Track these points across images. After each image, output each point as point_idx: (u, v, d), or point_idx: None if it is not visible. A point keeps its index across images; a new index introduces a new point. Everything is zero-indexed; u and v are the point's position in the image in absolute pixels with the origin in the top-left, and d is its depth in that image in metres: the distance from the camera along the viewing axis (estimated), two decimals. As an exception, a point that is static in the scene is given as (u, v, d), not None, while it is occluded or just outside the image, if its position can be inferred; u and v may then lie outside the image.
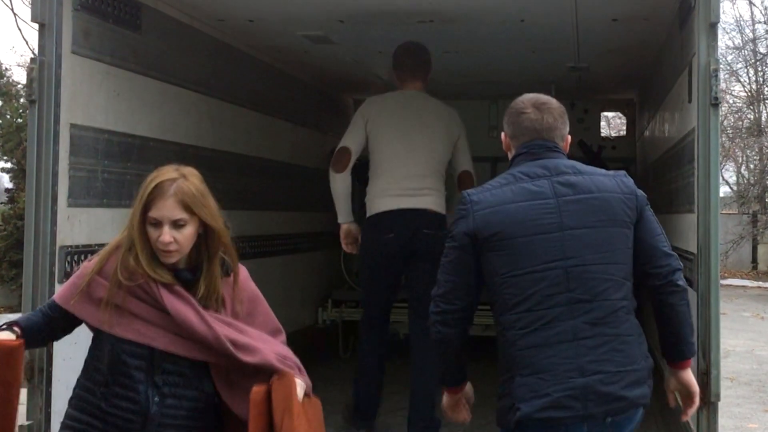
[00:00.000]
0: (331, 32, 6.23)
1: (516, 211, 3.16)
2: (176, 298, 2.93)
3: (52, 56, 4.24)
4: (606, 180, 3.27)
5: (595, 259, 3.16)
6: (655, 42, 6.21)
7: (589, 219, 3.18)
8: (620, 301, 3.24)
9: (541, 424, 3.10)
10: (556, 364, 3.10)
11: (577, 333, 3.12)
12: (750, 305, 14.93)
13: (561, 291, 3.12)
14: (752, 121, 22.00)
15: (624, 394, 3.14)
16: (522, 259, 3.15)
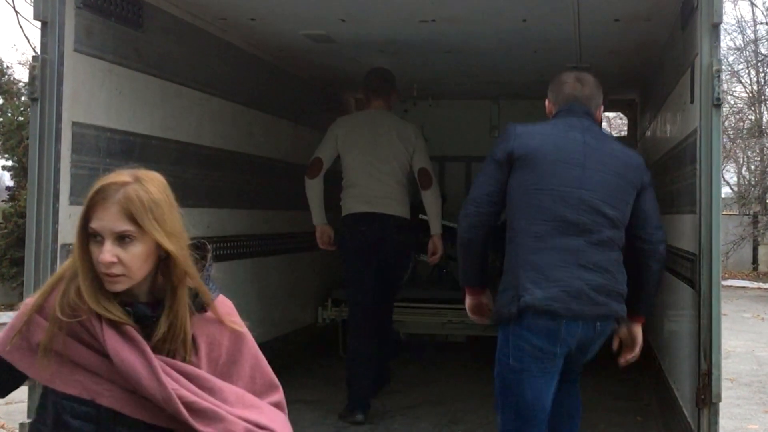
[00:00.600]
0: (333, 31, 6.23)
1: (549, 141, 3.84)
2: (124, 341, 2.23)
3: (54, 54, 4.24)
4: (625, 149, 4.04)
5: (603, 198, 3.77)
6: (657, 42, 6.21)
7: (607, 169, 3.83)
8: (614, 237, 3.81)
9: (541, 314, 3.63)
10: (559, 267, 3.67)
11: (579, 249, 3.71)
12: (750, 306, 14.93)
13: (573, 213, 3.73)
14: (753, 122, 21.98)
15: (608, 303, 3.76)
16: (547, 178, 3.76)
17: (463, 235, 3.86)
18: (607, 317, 3.79)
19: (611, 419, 6.11)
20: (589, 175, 3.79)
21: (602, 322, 3.79)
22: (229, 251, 6.32)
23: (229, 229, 6.31)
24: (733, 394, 7.49)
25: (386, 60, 7.38)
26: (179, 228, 2.30)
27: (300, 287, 7.94)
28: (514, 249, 3.78)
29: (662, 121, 6.57)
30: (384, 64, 7.58)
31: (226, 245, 6.24)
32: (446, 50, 6.78)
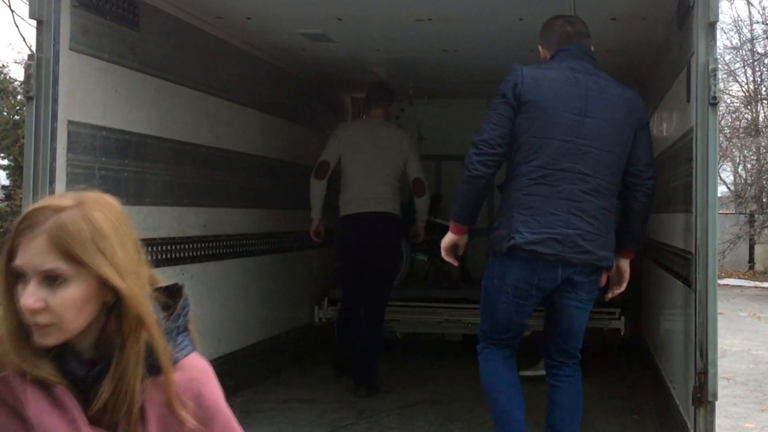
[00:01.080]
0: (330, 30, 6.22)
1: (552, 88, 4.08)
2: (52, 406, 1.74)
3: (49, 53, 4.23)
4: (625, 90, 4.28)
5: (601, 146, 4.05)
6: (653, 41, 6.21)
7: (607, 116, 4.09)
8: (610, 183, 4.11)
9: (527, 254, 3.98)
10: (550, 213, 3.97)
11: (572, 197, 3.99)
12: (747, 305, 14.94)
13: (569, 161, 4.01)
14: (750, 121, 22.01)
15: (594, 252, 4.04)
16: (549, 126, 4.02)
17: (472, 172, 4.12)
18: (589, 265, 4.08)
19: (608, 418, 6.11)
20: (588, 124, 4.08)
21: (584, 268, 4.08)
22: (226, 250, 6.31)
23: (226, 228, 6.30)
24: (729, 393, 7.49)
25: (382, 58, 7.39)
26: (135, 264, 1.78)
27: (296, 286, 7.93)
28: (511, 189, 4.11)
29: (659, 120, 6.57)
30: (380, 62, 7.59)
31: (221, 244, 6.23)
32: (442, 49, 6.78)
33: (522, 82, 4.13)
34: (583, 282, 4.14)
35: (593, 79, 4.19)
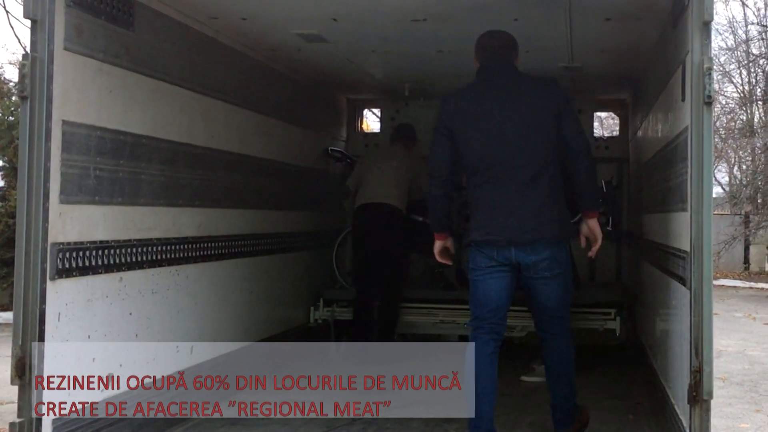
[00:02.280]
0: (325, 31, 6.22)
1: (471, 106, 4.91)
2: None
3: (44, 52, 4.23)
4: (539, 82, 4.96)
5: (525, 140, 4.79)
6: (648, 41, 6.21)
7: (524, 110, 4.82)
8: (546, 165, 4.82)
9: (484, 244, 4.90)
10: (490, 218, 4.87)
11: (507, 199, 4.81)
12: (742, 306, 14.96)
13: (501, 164, 4.81)
14: (745, 122, 22.05)
15: (538, 229, 4.81)
16: (474, 140, 4.86)
17: (431, 192, 5.06)
18: (537, 240, 4.82)
19: (603, 418, 6.10)
20: (510, 127, 4.81)
21: (534, 245, 4.84)
22: (221, 251, 6.30)
23: (221, 229, 6.29)
24: (724, 393, 7.50)
25: (378, 59, 7.38)
26: None
27: (292, 287, 7.93)
28: (470, 196, 5.02)
29: (654, 120, 6.58)
30: (376, 63, 7.58)
31: (217, 245, 6.23)
32: (438, 49, 6.78)
33: (445, 110, 4.99)
34: (539, 260, 4.87)
35: (509, 85, 4.96)
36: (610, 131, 23.00)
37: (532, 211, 4.82)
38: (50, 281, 4.27)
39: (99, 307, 4.73)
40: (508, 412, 6.21)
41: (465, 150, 4.89)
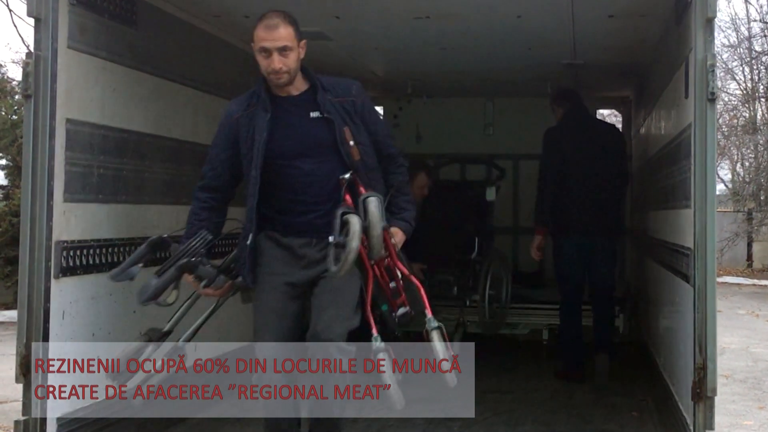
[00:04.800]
0: (327, 28, 6.22)
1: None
2: None
3: (48, 51, 4.23)
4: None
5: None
6: (651, 38, 6.21)
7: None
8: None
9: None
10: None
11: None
12: (745, 303, 14.94)
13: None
14: (747, 119, 22.03)
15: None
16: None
17: (544, 192, 7.05)
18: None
19: (607, 415, 6.11)
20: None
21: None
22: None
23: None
24: (728, 391, 7.48)
25: (381, 57, 7.38)
26: None
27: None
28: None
29: (657, 117, 6.58)
30: (378, 61, 7.58)
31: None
32: (441, 47, 6.78)
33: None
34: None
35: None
36: (613, 128, 22.93)
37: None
38: (54, 279, 4.28)
39: (103, 305, 4.73)
40: (512, 410, 6.22)
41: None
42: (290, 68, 3.96)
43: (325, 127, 3.99)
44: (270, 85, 4.04)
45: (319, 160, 4.01)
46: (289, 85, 4.03)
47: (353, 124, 4.02)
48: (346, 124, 3.99)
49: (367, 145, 4.06)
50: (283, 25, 3.94)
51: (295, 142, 4.01)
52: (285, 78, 3.97)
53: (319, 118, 4.00)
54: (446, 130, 9.61)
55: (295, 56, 3.98)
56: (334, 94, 4.04)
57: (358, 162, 3.98)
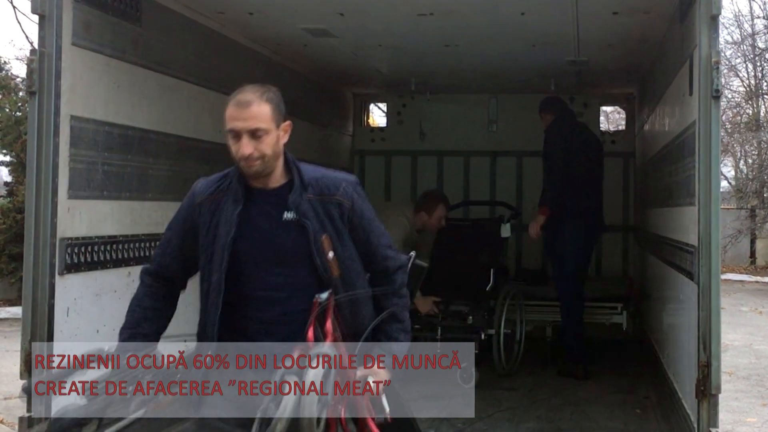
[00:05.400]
0: (331, 25, 6.22)
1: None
2: None
3: (52, 48, 4.23)
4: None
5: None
6: (655, 35, 6.20)
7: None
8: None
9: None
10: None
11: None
12: (748, 300, 14.92)
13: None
14: (751, 116, 21.99)
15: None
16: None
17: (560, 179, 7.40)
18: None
19: (610, 412, 6.12)
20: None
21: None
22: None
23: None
24: (731, 388, 7.48)
25: (384, 54, 7.38)
26: None
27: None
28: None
29: (661, 114, 6.57)
30: (382, 58, 7.57)
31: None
32: (444, 44, 6.78)
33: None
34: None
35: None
36: (617, 125, 22.99)
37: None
38: (59, 276, 4.28)
39: (107, 301, 4.74)
40: (516, 407, 6.22)
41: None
42: (264, 155, 3.14)
43: (298, 232, 3.16)
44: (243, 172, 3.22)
45: (289, 272, 3.18)
46: (265, 176, 3.21)
47: (336, 232, 3.19)
48: (325, 231, 3.16)
49: (353, 259, 3.24)
50: (257, 103, 3.23)
51: (262, 246, 3.19)
52: (257, 166, 3.14)
53: (292, 222, 3.17)
54: (450, 127, 9.60)
55: (271, 140, 3.16)
56: (316, 192, 3.21)
57: (337, 279, 3.16)
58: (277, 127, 3.23)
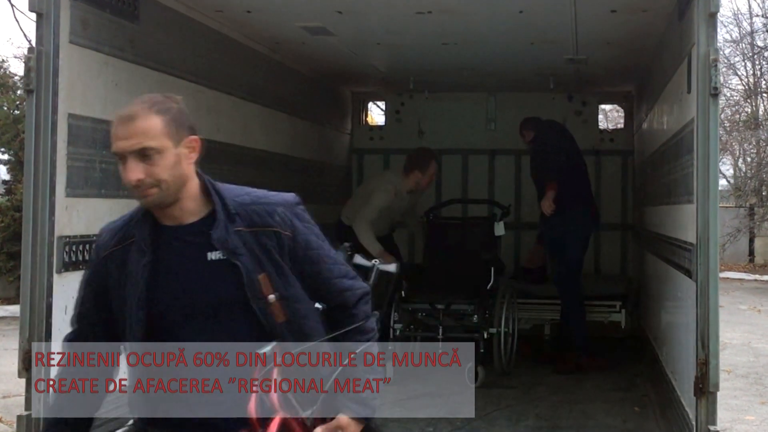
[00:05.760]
0: (330, 23, 6.21)
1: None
2: None
3: (50, 46, 4.23)
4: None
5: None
6: (653, 33, 6.20)
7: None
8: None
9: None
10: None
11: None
12: (747, 298, 14.94)
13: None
14: (749, 115, 22.00)
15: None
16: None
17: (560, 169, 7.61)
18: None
19: (609, 410, 6.12)
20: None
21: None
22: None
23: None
24: (729, 386, 7.49)
25: (383, 52, 7.37)
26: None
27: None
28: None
29: (659, 112, 6.57)
30: (380, 56, 7.57)
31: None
32: (442, 42, 6.77)
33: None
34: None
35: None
36: (615, 123, 22.98)
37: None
38: (57, 274, 4.28)
39: (105, 300, 4.73)
40: (514, 405, 6.22)
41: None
42: (160, 180, 2.47)
43: (228, 275, 2.50)
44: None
45: (224, 327, 2.53)
46: (172, 207, 2.53)
47: (275, 269, 2.54)
48: (263, 270, 2.51)
49: (300, 299, 2.59)
50: (143, 117, 2.47)
51: (185, 301, 2.52)
52: (154, 196, 2.48)
53: (220, 263, 2.50)
54: (448, 126, 9.60)
55: (168, 162, 2.48)
56: (246, 222, 2.56)
57: (282, 326, 2.53)
58: (177, 144, 2.52)
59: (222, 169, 6.22)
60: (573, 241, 7.45)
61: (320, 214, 8.45)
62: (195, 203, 2.56)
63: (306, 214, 2.71)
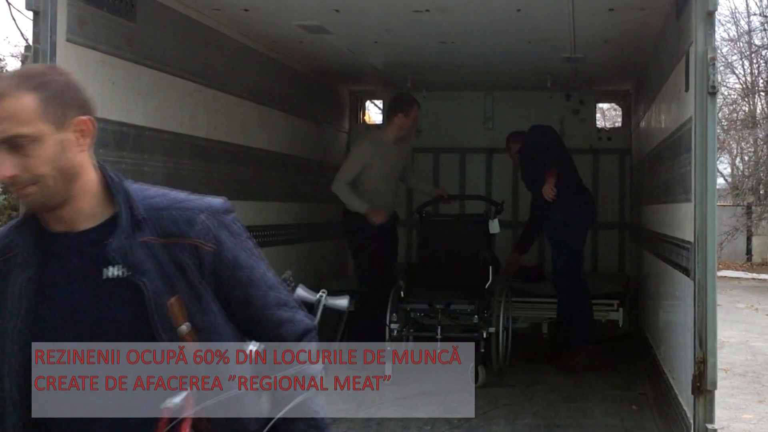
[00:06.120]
0: (327, 22, 6.21)
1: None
2: None
3: (46, 44, 4.22)
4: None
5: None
6: (651, 32, 6.20)
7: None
8: None
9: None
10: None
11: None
12: (744, 297, 14.95)
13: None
14: (747, 113, 22.02)
15: None
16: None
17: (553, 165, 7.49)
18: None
19: (606, 408, 6.12)
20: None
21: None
22: None
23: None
24: (727, 384, 7.50)
25: (380, 50, 7.37)
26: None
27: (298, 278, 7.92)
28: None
29: (657, 111, 6.57)
30: (378, 54, 7.56)
31: None
32: (440, 40, 6.77)
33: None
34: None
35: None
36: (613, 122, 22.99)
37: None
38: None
39: (102, 298, 4.72)
40: (512, 403, 6.22)
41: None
42: (37, 176, 1.91)
43: (129, 297, 1.95)
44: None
45: (123, 362, 1.98)
46: (61, 209, 1.97)
47: (191, 292, 1.99)
48: (174, 292, 1.96)
49: (221, 332, 2.05)
50: (10, 96, 1.89)
51: (74, 327, 1.97)
52: (34, 195, 1.93)
53: (119, 281, 1.95)
54: (446, 124, 9.60)
55: (48, 151, 1.91)
56: (156, 231, 2.00)
57: (198, 367, 2.01)
58: (59, 128, 1.94)
59: (219, 167, 6.22)
60: (573, 230, 7.43)
61: (318, 213, 8.46)
62: (92, 204, 2.00)
63: (237, 225, 2.15)
